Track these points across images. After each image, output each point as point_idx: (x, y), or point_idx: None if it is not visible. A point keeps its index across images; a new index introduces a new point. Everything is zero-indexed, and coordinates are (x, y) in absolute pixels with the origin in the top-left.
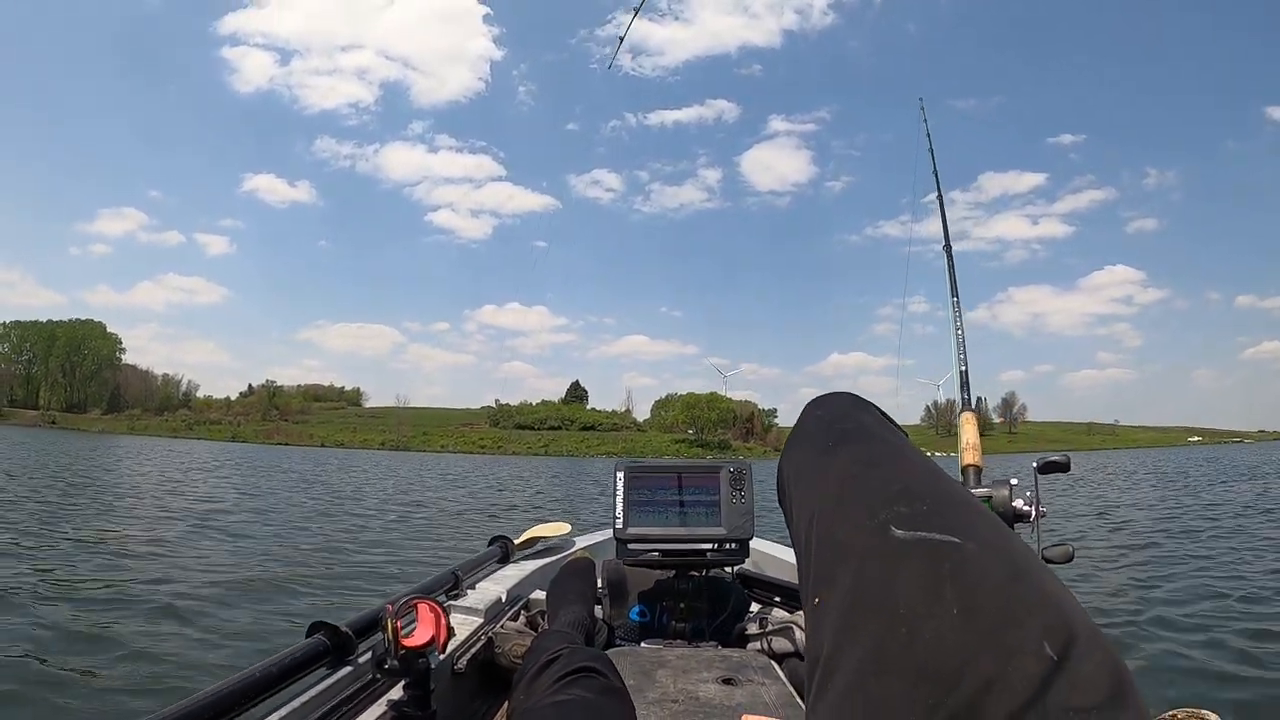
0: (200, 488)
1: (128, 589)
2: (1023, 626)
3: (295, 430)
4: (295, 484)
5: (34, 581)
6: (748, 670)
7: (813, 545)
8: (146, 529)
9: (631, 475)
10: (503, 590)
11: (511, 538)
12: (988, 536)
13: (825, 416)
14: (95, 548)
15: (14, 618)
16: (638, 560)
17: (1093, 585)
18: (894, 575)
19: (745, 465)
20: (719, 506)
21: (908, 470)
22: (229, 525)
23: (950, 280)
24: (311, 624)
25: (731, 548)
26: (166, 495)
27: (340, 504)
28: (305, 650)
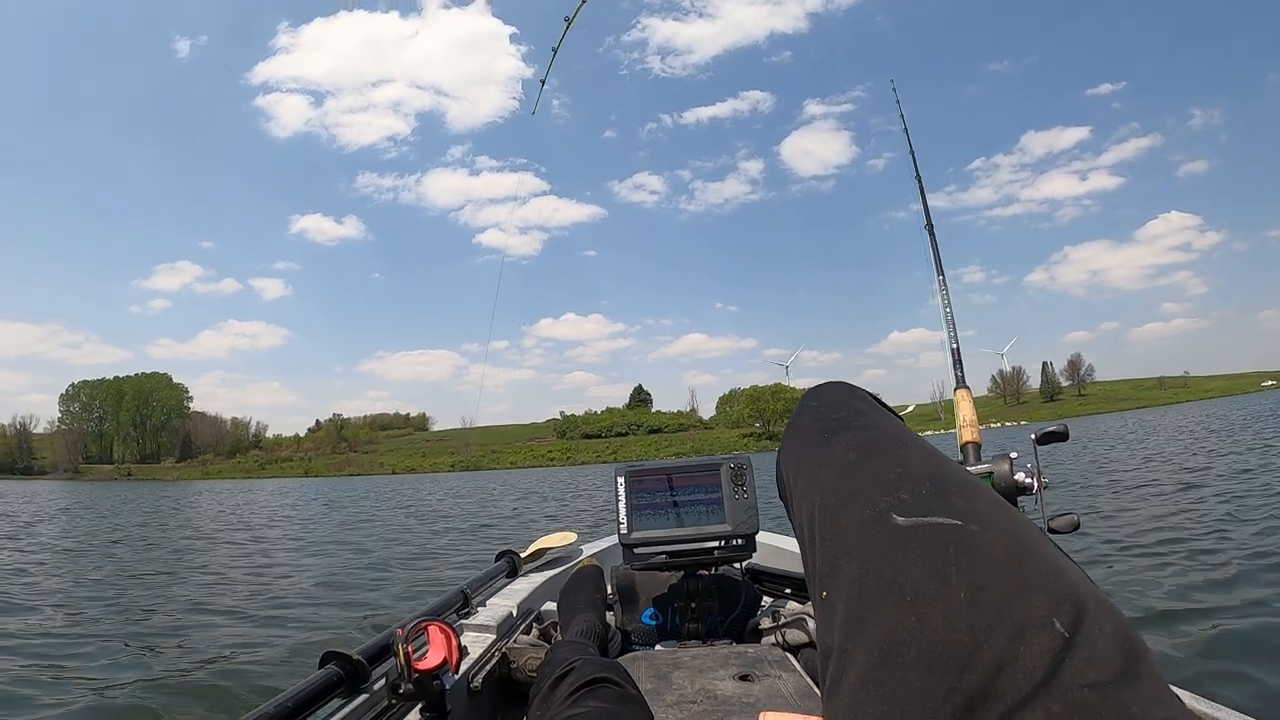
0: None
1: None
2: (1030, 604)
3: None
4: (408, 509)
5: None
6: (764, 665)
7: (816, 539)
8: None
9: (632, 479)
10: (513, 604)
11: (518, 551)
12: (990, 515)
13: (819, 407)
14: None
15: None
16: (645, 564)
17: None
18: (899, 563)
19: (745, 460)
20: (722, 504)
21: (905, 455)
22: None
23: (935, 260)
24: (324, 654)
25: (738, 544)
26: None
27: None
28: (319, 681)
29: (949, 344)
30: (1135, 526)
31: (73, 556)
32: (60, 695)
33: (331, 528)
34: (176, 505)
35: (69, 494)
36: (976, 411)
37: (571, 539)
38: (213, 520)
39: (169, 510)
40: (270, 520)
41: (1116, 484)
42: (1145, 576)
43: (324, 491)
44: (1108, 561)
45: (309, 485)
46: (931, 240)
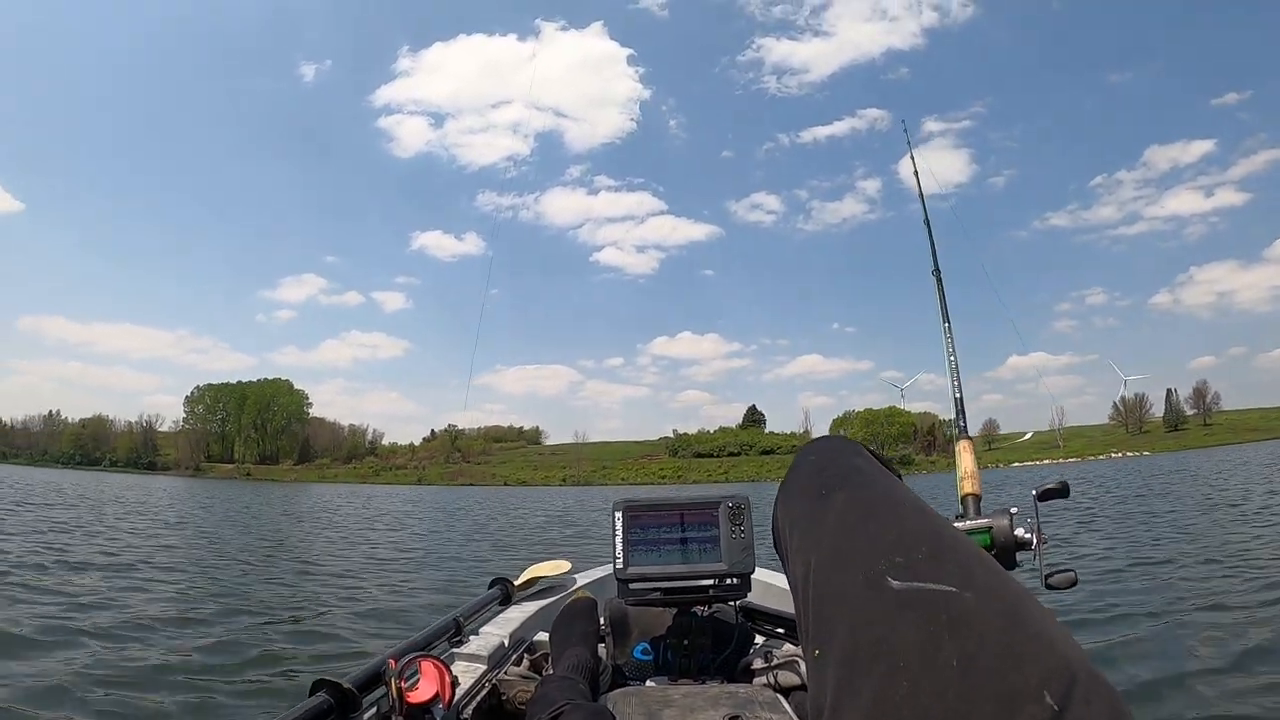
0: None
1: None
2: (1022, 674)
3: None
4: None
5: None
6: (754, 706)
7: (810, 596)
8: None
9: (630, 514)
10: (505, 634)
11: (512, 578)
12: (985, 583)
13: (818, 462)
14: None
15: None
16: (639, 599)
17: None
18: (892, 628)
19: (743, 499)
20: (719, 542)
21: (903, 517)
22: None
23: (941, 306)
24: (314, 681)
25: (733, 582)
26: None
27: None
28: (308, 710)
29: (952, 392)
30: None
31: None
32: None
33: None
34: (302, 506)
35: (201, 491)
36: (977, 462)
37: (566, 568)
38: (364, 526)
39: (298, 513)
40: (411, 533)
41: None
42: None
43: (441, 499)
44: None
45: (426, 492)
46: (939, 286)
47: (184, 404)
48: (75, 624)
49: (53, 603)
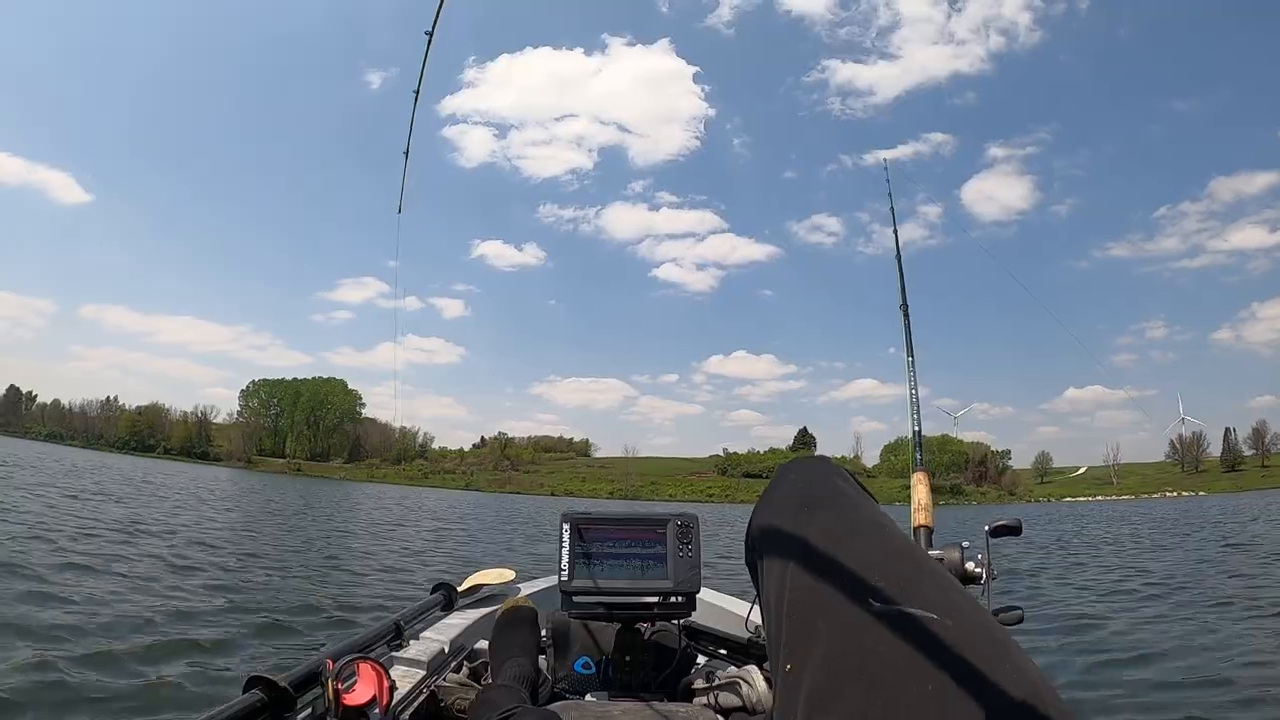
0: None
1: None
2: (997, 704)
3: (526, 479)
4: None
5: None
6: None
7: (785, 611)
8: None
9: (578, 526)
10: (446, 640)
11: (455, 584)
12: (963, 610)
13: (800, 481)
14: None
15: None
16: (583, 613)
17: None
18: (871, 648)
19: (692, 518)
20: (666, 559)
21: (886, 541)
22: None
23: (906, 341)
24: (250, 678)
25: (678, 601)
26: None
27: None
28: (242, 706)
29: (911, 425)
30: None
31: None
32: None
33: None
34: (352, 504)
35: (259, 484)
36: (932, 498)
37: (510, 576)
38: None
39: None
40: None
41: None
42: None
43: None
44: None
45: (474, 498)
46: (905, 321)
47: (239, 397)
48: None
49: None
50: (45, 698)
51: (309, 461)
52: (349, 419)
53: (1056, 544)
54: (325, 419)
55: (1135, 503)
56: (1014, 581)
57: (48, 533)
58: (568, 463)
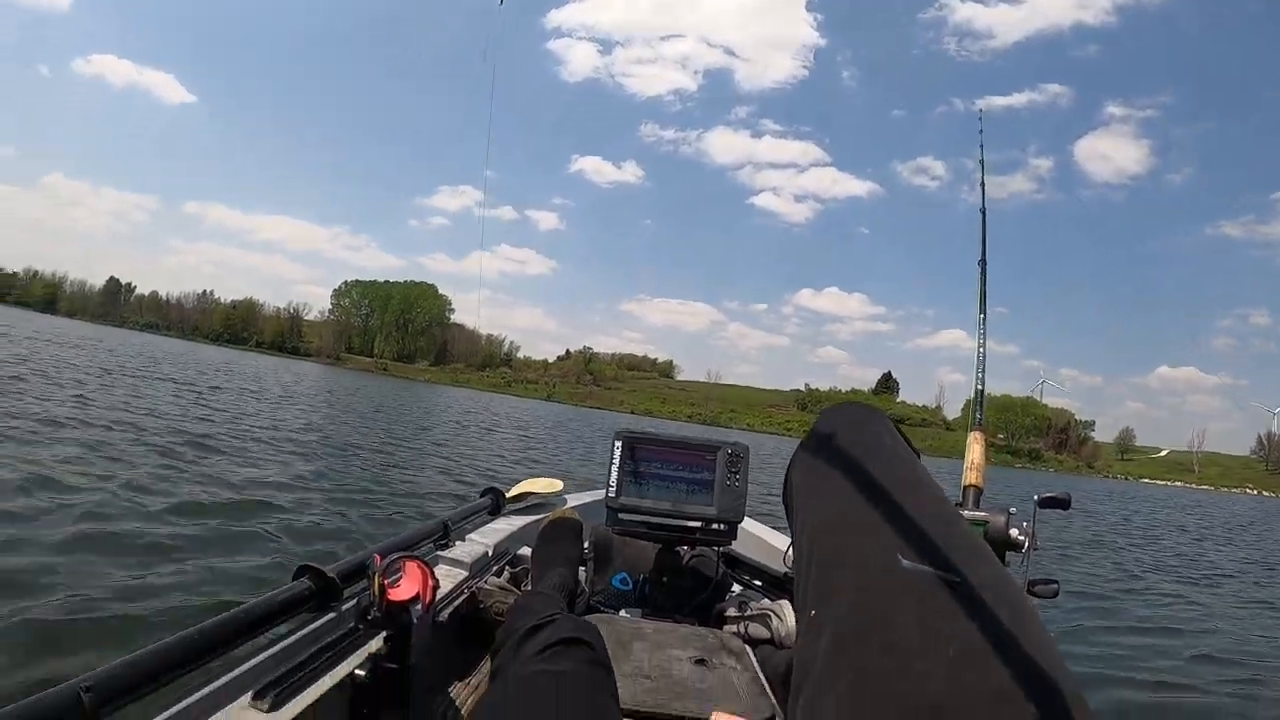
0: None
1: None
2: (1012, 678)
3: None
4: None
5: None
6: (721, 654)
7: (814, 558)
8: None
9: (630, 444)
10: (490, 544)
11: (504, 490)
12: (991, 580)
13: (843, 428)
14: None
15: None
16: (626, 530)
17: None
18: (895, 605)
19: (744, 448)
20: (713, 486)
21: (921, 499)
22: None
23: (980, 297)
24: (299, 567)
25: (720, 528)
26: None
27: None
28: (290, 593)
29: (975, 383)
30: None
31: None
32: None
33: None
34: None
35: (346, 380)
36: (988, 459)
37: (557, 487)
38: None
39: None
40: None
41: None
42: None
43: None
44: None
45: (553, 409)
46: (981, 277)
47: (331, 296)
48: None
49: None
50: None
51: (395, 362)
52: (437, 323)
53: (1123, 522)
54: (414, 322)
55: (1213, 494)
56: (1063, 555)
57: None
58: (650, 383)
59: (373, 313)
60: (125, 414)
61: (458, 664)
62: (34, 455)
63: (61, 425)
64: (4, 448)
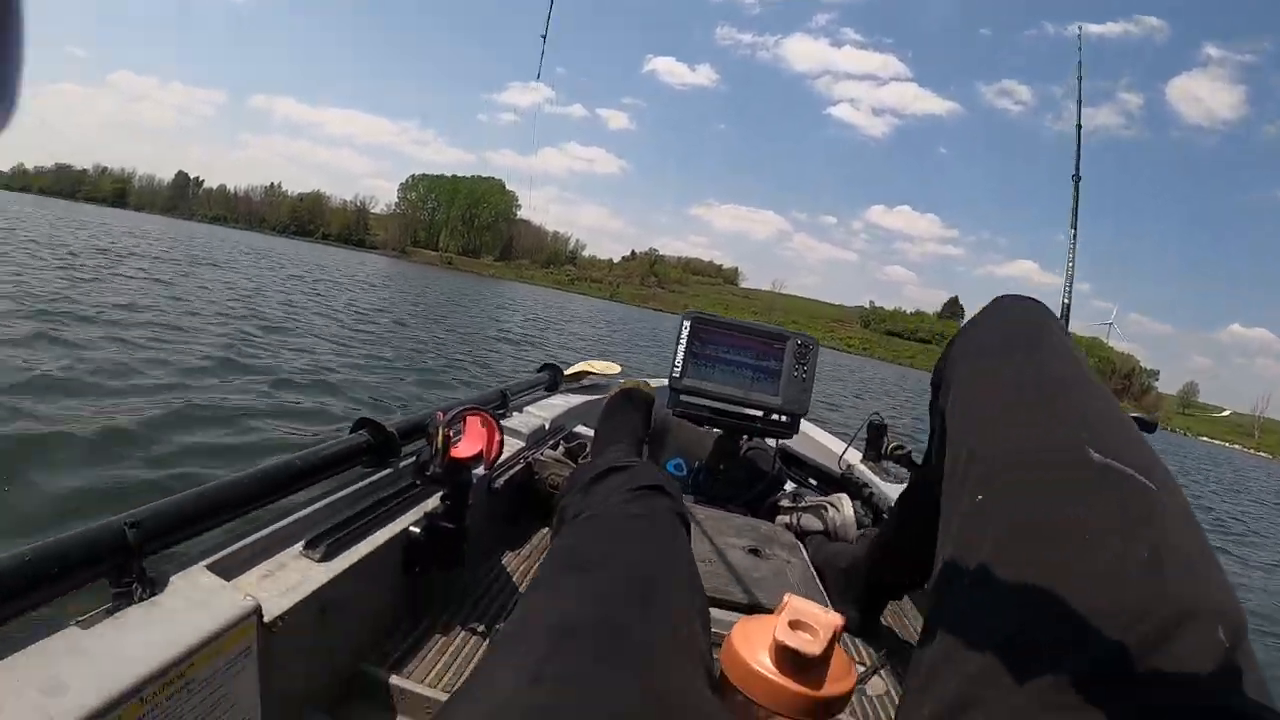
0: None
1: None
2: (1203, 597)
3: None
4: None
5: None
6: (774, 545)
7: (981, 444)
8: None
9: (698, 327)
10: (547, 418)
11: (561, 367)
12: (1169, 486)
13: (1019, 319)
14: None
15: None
16: (688, 413)
17: None
18: (1084, 499)
19: (813, 341)
20: (779, 376)
21: (1101, 396)
22: None
23: (1072, 213)
24: (358, 419)
25: (783, 420)
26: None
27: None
28: (348, 445)
29: (1063, 298)
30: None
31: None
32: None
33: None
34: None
35: (411, 272)
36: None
37: (615, 370)
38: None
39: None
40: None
41: None
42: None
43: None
44: None
45: (616, 308)
46: (1075, 192)
47: (398, 190)
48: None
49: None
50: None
51: (460, 256)
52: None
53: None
54: (480, 217)
55: (1269, 462)
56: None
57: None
58: (713, 288)
59: (439, 207)
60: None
61: (510, 533)
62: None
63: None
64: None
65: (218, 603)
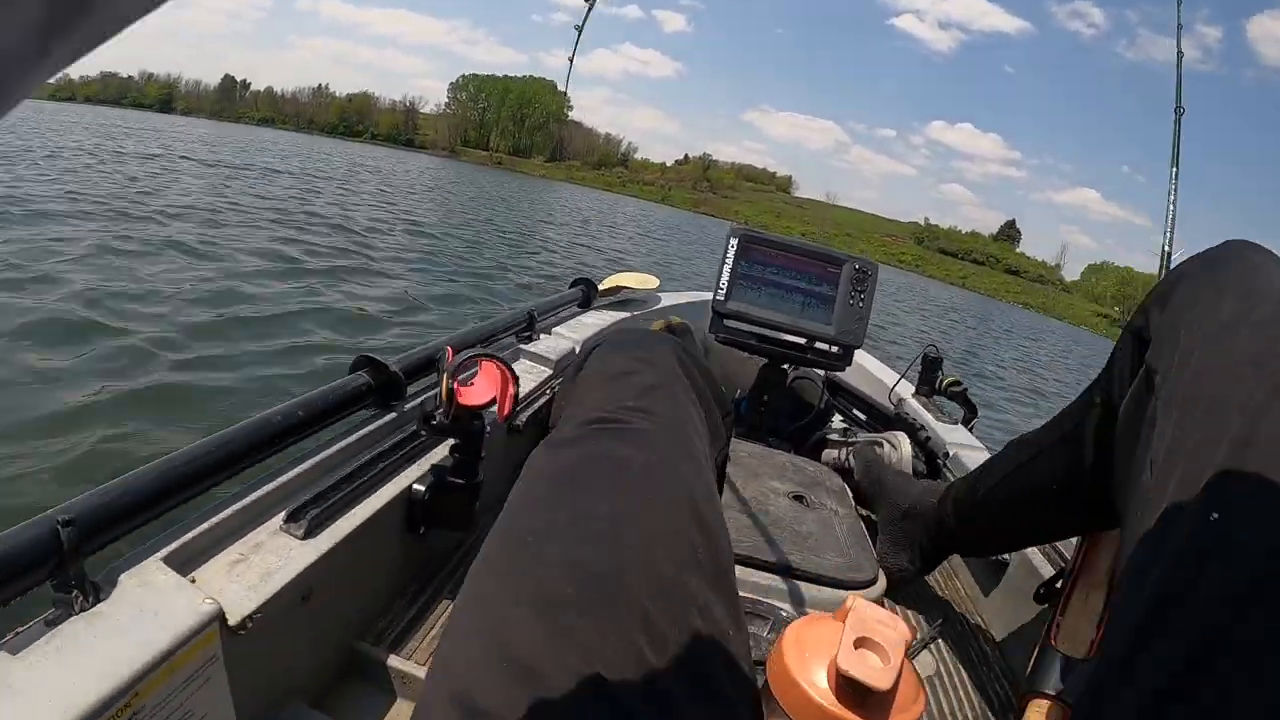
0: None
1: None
2: None
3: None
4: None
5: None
6: (821, 491)
7: (1214, 384)
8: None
9: (746, 244)
10: (578, 339)
11: (596, 282)
12: None
13: (1258, 265)
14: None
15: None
16: (731, 339)
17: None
18: None
19: (873, 266)
20: (833, 303)
21: None
22: None
23: (1174, 149)
24: (356, 358)
25: (835, 351)
26: None
27: None
28: (343, 391)
29: (1163, 246)
30: None
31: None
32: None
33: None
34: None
35: (460, 172)
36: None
37: (654, 284)
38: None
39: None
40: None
41: None
42: None
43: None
44: None
45: (666, 212)
46: (1176, 127)
47: (448, 90)
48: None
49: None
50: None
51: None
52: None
53: None
54: (531, 117)
55: None
56: None
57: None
58: (766, 196)
59: (489, 107)
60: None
61: None
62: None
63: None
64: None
65: (171, 609)
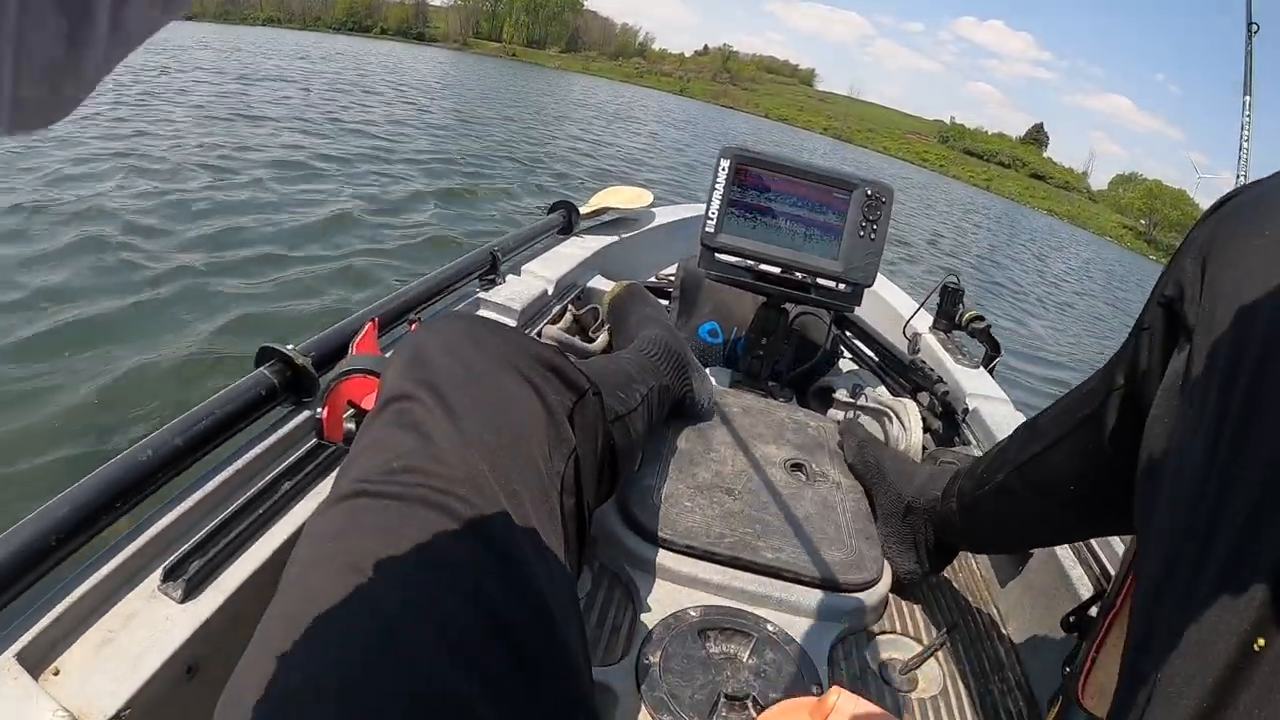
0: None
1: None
2: None
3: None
4: None
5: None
6: (823, 458)
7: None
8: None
9: (740, 166)
10: (552, 278)
11: (577, 204)
12: None
13: None
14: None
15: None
16: (723, 276)
17: None
18: None
19: (887, 191)
20: (841, 235)
21: None
22: None
23: (1245, 72)
24: (261, 350)
25: (843, 289)
26: None
27: None
28: (241, 398)
29: (1237, 175)
30: None
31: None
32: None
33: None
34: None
35: (471, 65)
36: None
37: (645, 200)
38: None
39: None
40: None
41: None
42: None
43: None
44: None
45: (685, 104)
46: (1248, 46)
47: None
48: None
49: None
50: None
51: (525, 48)
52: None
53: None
54: (545, 6)
55: None
56: None
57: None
58: (788, 89)
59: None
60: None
61: None
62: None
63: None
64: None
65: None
